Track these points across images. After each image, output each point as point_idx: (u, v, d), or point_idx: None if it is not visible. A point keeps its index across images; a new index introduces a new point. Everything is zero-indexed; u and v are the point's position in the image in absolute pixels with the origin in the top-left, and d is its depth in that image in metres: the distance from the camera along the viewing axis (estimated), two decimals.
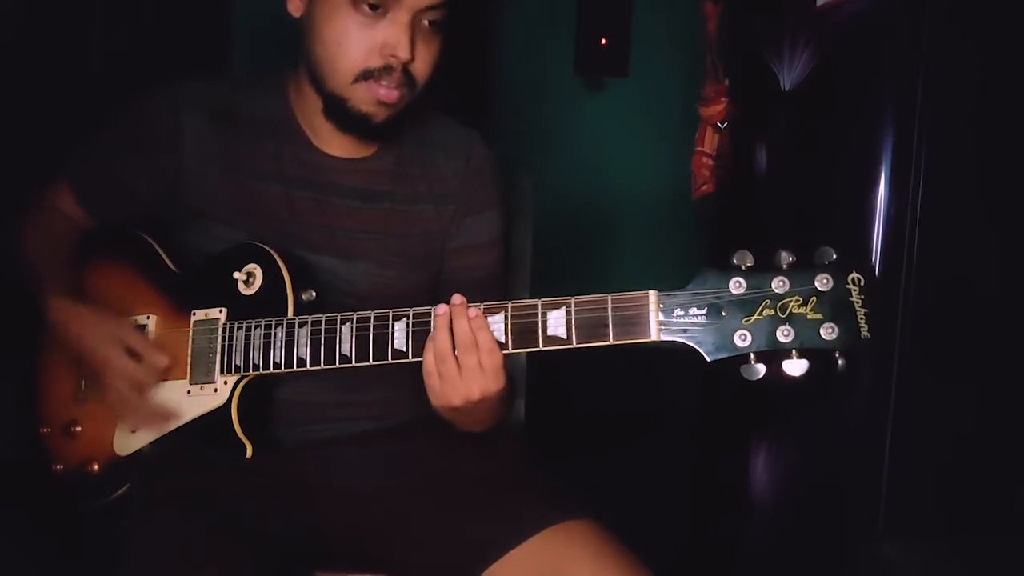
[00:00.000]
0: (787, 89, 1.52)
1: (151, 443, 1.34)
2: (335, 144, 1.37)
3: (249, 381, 1.29)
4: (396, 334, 1.18)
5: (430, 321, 1.15)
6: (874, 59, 1.43)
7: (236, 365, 1.28)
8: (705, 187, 1.93)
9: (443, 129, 1.44)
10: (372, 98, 1.25)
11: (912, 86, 1.37)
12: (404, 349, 1.19)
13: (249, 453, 1.27)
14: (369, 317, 1.20)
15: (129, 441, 1.35)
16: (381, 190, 1.39)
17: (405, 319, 1.18)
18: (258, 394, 1.31)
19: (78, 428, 1.40)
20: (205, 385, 1.30)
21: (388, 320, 1.19)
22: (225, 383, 1.29)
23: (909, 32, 1.36)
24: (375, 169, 1.39)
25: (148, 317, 1.37)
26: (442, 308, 1.12)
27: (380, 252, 1.38)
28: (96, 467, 1.37)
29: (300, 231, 1.36)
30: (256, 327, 1.28)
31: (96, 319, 1.30)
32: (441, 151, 1.42)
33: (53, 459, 1.40)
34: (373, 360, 1.20)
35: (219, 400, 1.29)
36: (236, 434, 1.27)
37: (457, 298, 1.14)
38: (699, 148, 1.80)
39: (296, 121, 1.37)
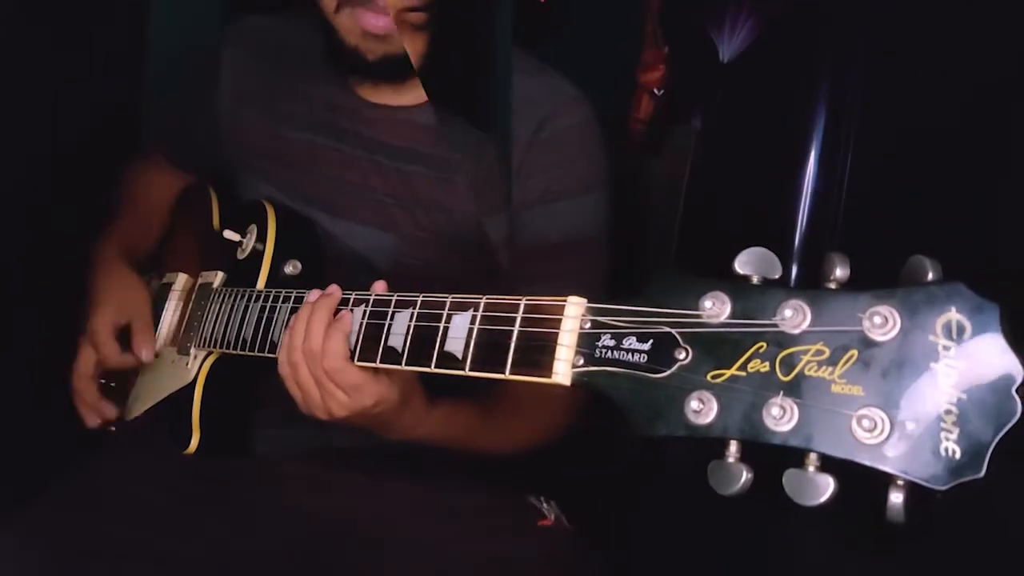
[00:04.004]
0: (725, 60, 1.33)
1: (144, 411, 1.13)
2: (376, 90, 1.05)
3: (224, 362, 1.03)
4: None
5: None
6: (810, 35, 1.24)
7: (213, 338, 1.02)
8: None
9: (527, 82, 1.04)
10: (357, 28, 0.93)
11: (848, 64, 1.19)
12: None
13: (192, 447, 1.00)
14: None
15: (133, 405, 1.16)
16: (419, 149, 1.04)
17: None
18: (234, 381, 1.04)
19: (112, 384, 1.24)
20: (185, 357, 1.06)
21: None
22: (195, 357, 1.04)
23: (848, 9, 1.19)
24: (418, 122, 1.04)
25: (177, 276, 1.18)
26: (314, 294, 0.76)
27: (409, 225, 1.04)
28: (114, 429, 1.21)
29: (321, 188, 1.07)
30: (240, 297, 1.01)
31: (121, 281, 1.12)
32: None
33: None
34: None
35: (189, 376, 1.04)
36: (191, 418, 1.01)
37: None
38: (634, 114, 1.48)
39: None
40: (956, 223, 1.13)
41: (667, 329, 0.50)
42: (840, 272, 0.47)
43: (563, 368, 0.54)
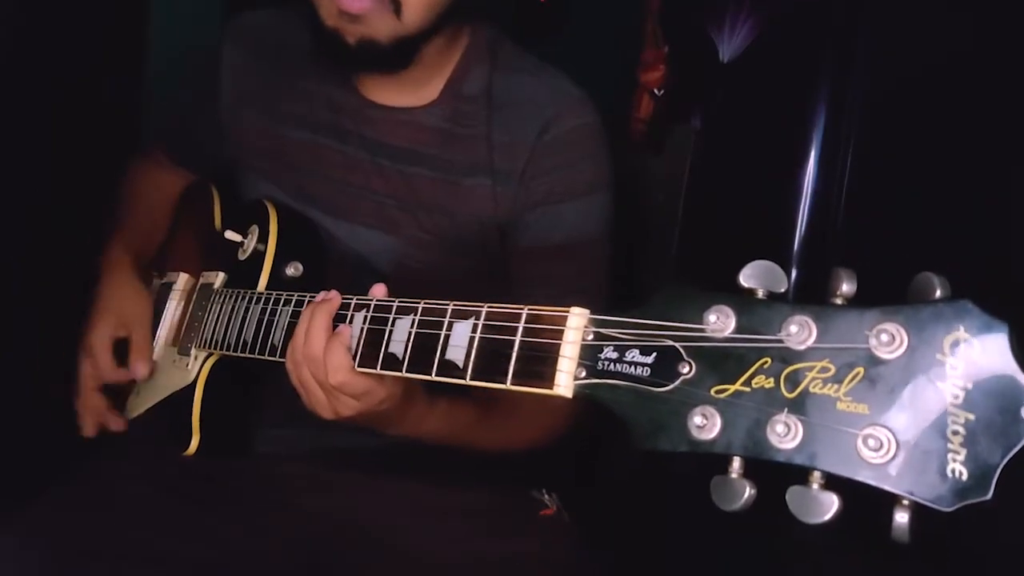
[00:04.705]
0: (725, 60, 1.33)
1: (145, 411, 1.12)
2: (379, 88, 1.04)
3: (224, 363, 1.02)
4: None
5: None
6: (810, 35, 1.25)
7: (214, 340, 1.01)
8: None
9: (531, 82, 1.03)
10: (334, 8, 0.90)
11: (847, 64, 1.19)
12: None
13: (191, 448, 0.99)
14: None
15: (133, 404, 1.15)
16: (423, 151, 1.03)
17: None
18: (235, 382, 1.03)
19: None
20: (186, 357, 1.06)
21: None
22: (196, 358, 1.03)
23: (848, 9, 1.20)
24: (422, 124, 1.03)
25: (178, 276, 1.17)
26: (320, 296, 0.76)
27: (412, 227, 1.03)
28: (114, 427, 1.20)
29: (322, 189, 1.06)
30: (241, 299, 1.00)
31: (125, 291, 1.12)
32: (513, 112, 1.02)
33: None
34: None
35: (189, 377, 1.03)
36: (191, 419, 1.00)
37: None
38: (635, 114, 1.47)
39: None
40: (955, 223, 1.12)
41: (671, 343, 0.49)
42: (846, 288, 0.46)
43: (565, 380, 0.54)
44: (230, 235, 1.03)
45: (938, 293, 0.43)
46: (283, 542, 1.00)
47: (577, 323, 0.54)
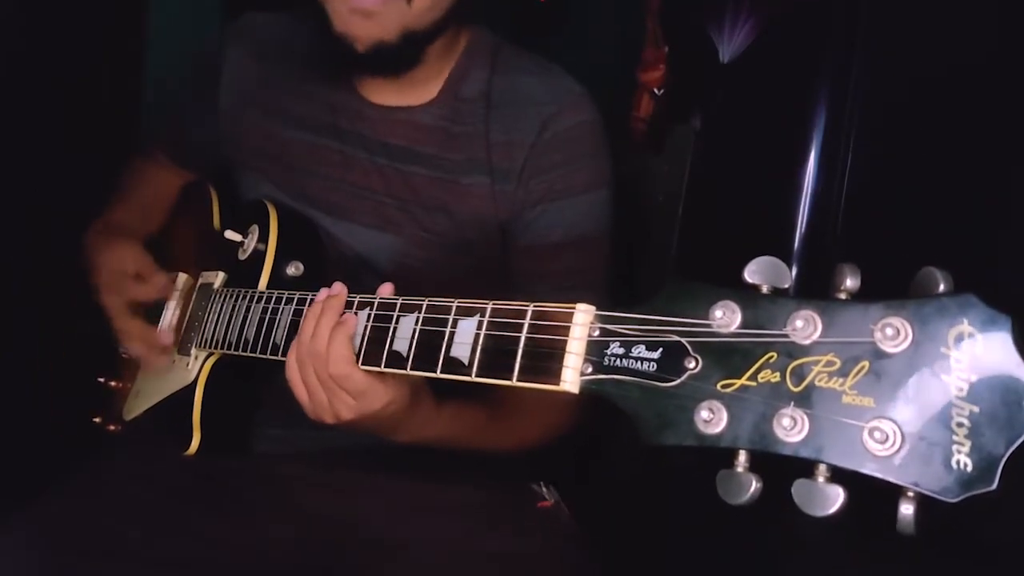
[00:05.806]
0: (725, 60, 1.32)
1: (144, 411, 1.13)
2: (378, 88, 1.05)
3: (225, 362, 1.02)
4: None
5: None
6: (810, 35, 1.23)
7: (214, 339, 1.01)
8: None
9: (530, 81, 1.03)
10: (344, 7, 0.90)
11: (847, 64, 1.18)
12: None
13: (192, 448, 1.00)
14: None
15: (132, 405, 1.16)
16: (420, 149, 1.03)
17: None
18: (235, 382, 1.03)
19: (113, 383, 1.24)
20: (186, 357, 1.06)
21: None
22: (196, 358, 1.03)
23: (847, 9, 1.18)
24: (420, 123, 1.04)
25: (177, 275, 1.17)
26: (323, 293, 0.76)
27: (412, 226, 1.04)
28: (112, 427, 1.21)
29: (322, 189, 1.06)
30: (242, 298, 1.00)
31: (111, 246, 1.13)
32: (512, 111, 1.03)
33: (98, 411, 1.26)
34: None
35: (190, 376, 1.03)
36: (191, 419, 1.01)
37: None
38: (635, 113, 1.47)
39: None
40: (955, 224, 1.13)
41: (677, 338, 0.50)
42: (851, 282, 0.46)
43: (571, 376, 0.54)
44: (230, 235, 1.03)
45: (941, 287, 0.44)
46: (283, 542, 1.00)
47: (583, 319, 0.55)
